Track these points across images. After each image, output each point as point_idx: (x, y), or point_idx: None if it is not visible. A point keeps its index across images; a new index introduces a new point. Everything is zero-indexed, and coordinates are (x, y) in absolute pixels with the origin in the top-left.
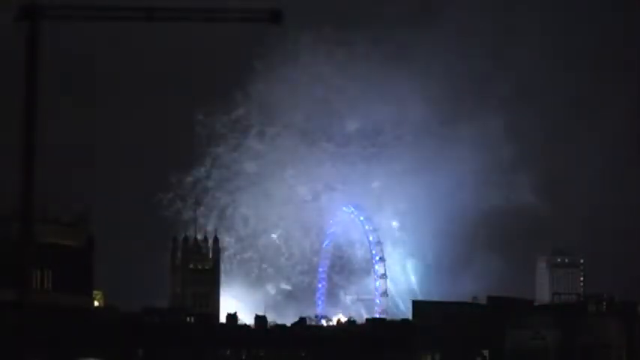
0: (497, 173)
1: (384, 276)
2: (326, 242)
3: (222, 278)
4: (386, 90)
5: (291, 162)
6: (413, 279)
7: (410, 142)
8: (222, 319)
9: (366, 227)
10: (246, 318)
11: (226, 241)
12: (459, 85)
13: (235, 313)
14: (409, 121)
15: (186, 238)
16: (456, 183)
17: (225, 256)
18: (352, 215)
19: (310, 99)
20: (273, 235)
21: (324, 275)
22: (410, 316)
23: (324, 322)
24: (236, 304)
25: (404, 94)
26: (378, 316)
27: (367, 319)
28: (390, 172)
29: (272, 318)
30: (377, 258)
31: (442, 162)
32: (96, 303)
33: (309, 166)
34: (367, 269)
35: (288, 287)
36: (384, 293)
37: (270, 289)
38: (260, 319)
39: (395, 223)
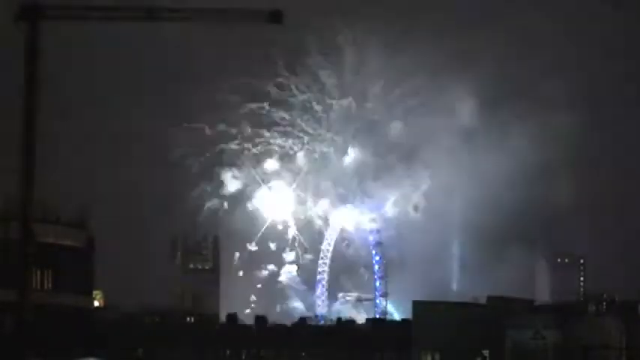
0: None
1: (384, 276)
2: (326, 242)
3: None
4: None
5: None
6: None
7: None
8: (222, 319)
9: (365, 227)
10: (246, 318)
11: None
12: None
13: (235, 313)
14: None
15: (186, 238)
16: (456, 184)
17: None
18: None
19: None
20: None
21: (324, 275)
22: (410, 316)
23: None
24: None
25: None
26: (378, 316)
27: (367, 319)
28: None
29: (272, 318)
30: (377, 258)
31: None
32: (96, 303)
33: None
34: (368, 269)
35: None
36: (385, 293)
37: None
38: (260, 319)
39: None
